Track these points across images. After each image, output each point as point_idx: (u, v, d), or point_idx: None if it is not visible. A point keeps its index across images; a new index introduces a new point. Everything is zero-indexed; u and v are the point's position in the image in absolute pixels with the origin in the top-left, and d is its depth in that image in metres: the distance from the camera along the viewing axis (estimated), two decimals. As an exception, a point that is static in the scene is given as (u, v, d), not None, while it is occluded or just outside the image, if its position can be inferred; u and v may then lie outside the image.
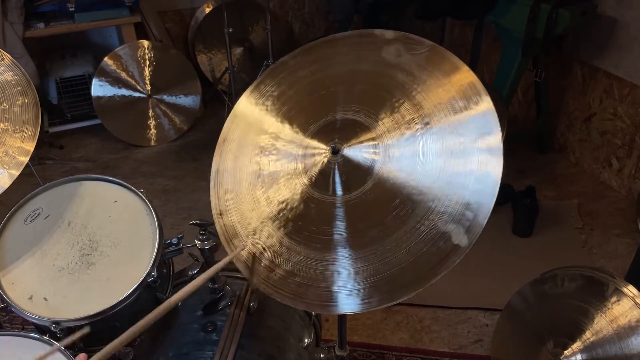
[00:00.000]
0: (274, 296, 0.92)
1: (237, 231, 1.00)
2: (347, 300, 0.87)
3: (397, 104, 0.96)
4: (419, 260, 0.84)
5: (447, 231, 0.83)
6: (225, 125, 1.12)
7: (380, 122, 0.96)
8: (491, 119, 0.87)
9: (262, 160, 1.04)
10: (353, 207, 0.92)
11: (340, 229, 0.92)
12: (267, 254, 0.95)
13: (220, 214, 1.04)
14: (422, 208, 0.87)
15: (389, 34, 1.02)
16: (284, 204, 0.97)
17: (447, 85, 0.93)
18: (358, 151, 0.95)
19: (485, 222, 0.81)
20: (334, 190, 0.95)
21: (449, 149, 0.89)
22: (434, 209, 0.86)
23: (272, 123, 1.06)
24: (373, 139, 0.95)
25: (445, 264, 0.82)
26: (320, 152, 0.98)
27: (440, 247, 0.83)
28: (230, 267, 1.09)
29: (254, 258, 0.97)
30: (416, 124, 0.93)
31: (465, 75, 0.93)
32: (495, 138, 0.85)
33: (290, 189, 0.98)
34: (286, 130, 1.04)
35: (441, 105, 0.92)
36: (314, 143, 1.00)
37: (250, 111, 1.11)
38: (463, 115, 0.89)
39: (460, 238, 0.82)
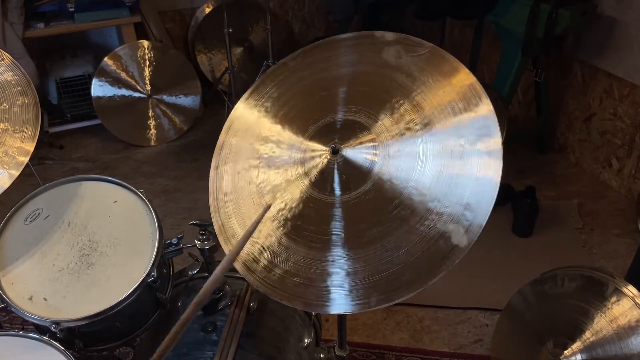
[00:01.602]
0: (272, 296, 0.92)
1: (235, 232, 1.00)
2: (345, 300, 0.87)
3: (397, 105, 0.96)
4: (419, 260, 0.84)
5: (447, 231, 0.83)
6: (225, 126, 1.12)
7: (380, 123, 0.96)
8: (491, 121, 0.87)
9: (261, 163, 1.04)
10: (352, 207, 0.92)
11: (339, 229, 0.91)
12: (266, 254, 0.95)
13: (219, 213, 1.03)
14: (421, 209, 0.87)
15: (389, 35, 1.02)
16: (283, 204, 0.97)
17: (447, 87, 0.93)
18: (358, 151, 0.95)
19: (484, 223, 0.81)
20: (333, 190, 0.94)
21: (448, 150, 0.88)
22: (433, 209, 0.86)
23: (272, 125, 1.06)
24: (373, 139, 0.95)
25: (445, 264, 0.82)
26: (320, 152, 0.98)
27: (440, 247, 0.83)
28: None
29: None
30: (416, 124, 0.93)
31: (465, 77, 0.93)
32: (495, 140, 0.85)
33: (289, 189, 0.98)
34: (286, 131, 1.04)
35: (441, 106, 0.92)
36: (314, 143, 1.00)
37: (249, 114, 1.10)
38: (463, 116, 0.89)
39: (459, 238, 0.82)
